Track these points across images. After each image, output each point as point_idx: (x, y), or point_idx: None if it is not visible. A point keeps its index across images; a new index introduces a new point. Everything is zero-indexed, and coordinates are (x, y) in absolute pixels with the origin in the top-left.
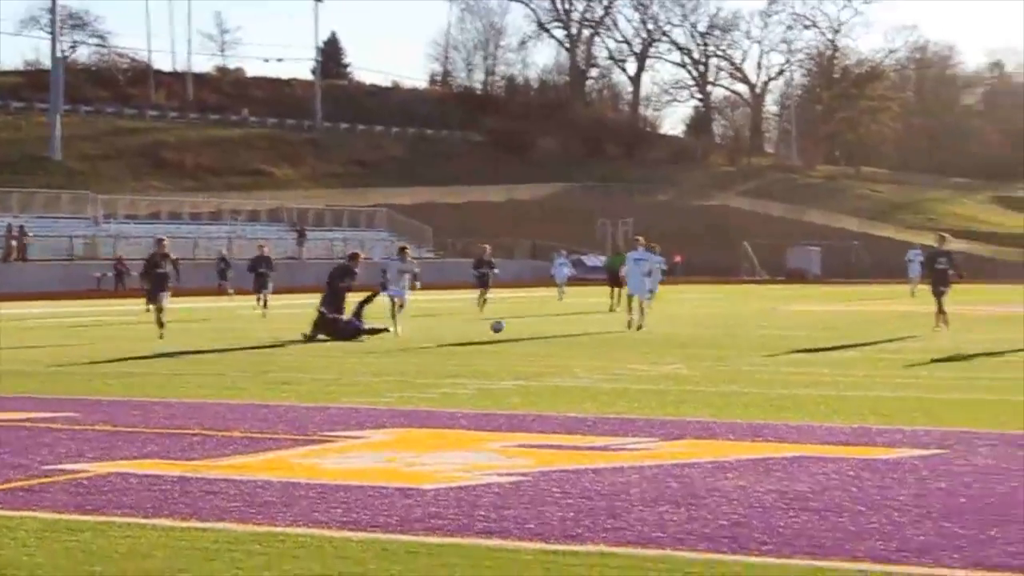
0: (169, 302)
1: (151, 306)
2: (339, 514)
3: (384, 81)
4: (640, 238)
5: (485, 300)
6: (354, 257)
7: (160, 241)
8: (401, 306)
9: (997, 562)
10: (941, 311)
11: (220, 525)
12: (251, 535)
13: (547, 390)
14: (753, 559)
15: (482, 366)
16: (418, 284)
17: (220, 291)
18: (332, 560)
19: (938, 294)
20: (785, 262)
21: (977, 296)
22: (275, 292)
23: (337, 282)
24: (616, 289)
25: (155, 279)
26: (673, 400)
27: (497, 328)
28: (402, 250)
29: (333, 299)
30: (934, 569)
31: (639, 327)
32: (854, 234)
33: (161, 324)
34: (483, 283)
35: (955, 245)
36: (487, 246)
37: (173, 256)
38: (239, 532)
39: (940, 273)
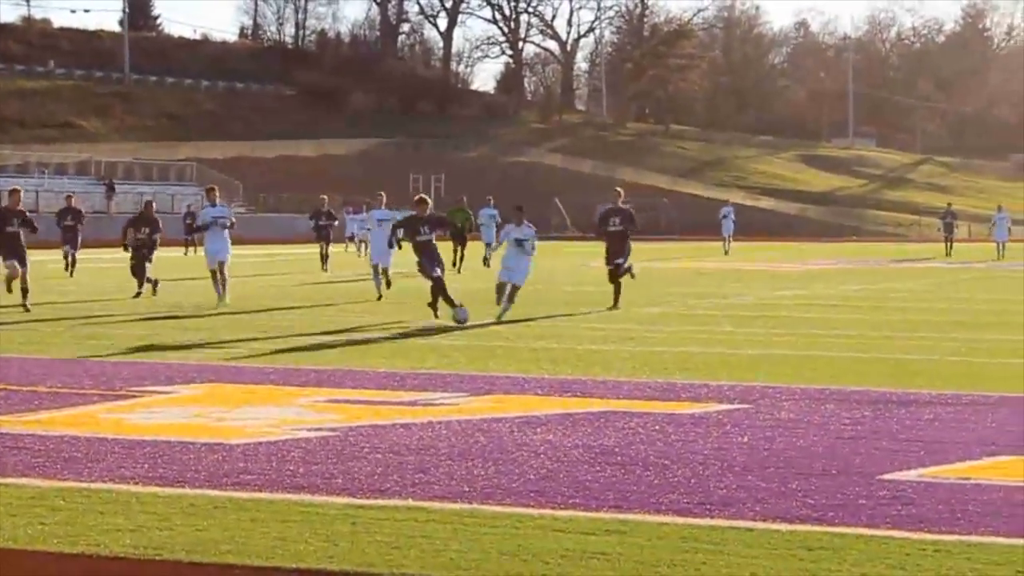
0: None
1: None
2: (145, 469)
3: (194, 34)
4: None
5: (327, 256)
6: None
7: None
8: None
9: (797, 514)
10: (617, 289)
11: (24, 480)
12: (55, 490)
13: (358, 346)
14: (560, 512)
15: (294, 323)
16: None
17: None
18: (138, 515)
19: (614, 265)
20: (594, 218)
21: (782, 253)
22: (83, 246)
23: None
24: (460, 248)
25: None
26: (482, 355)
27: (461, 318)
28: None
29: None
30: (735, 521)
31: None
32: (664, 191)
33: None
34: (323, 236)
35: (764, 203)
36: (325, 197)
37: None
38: (43, 488)
39: (615, 236)
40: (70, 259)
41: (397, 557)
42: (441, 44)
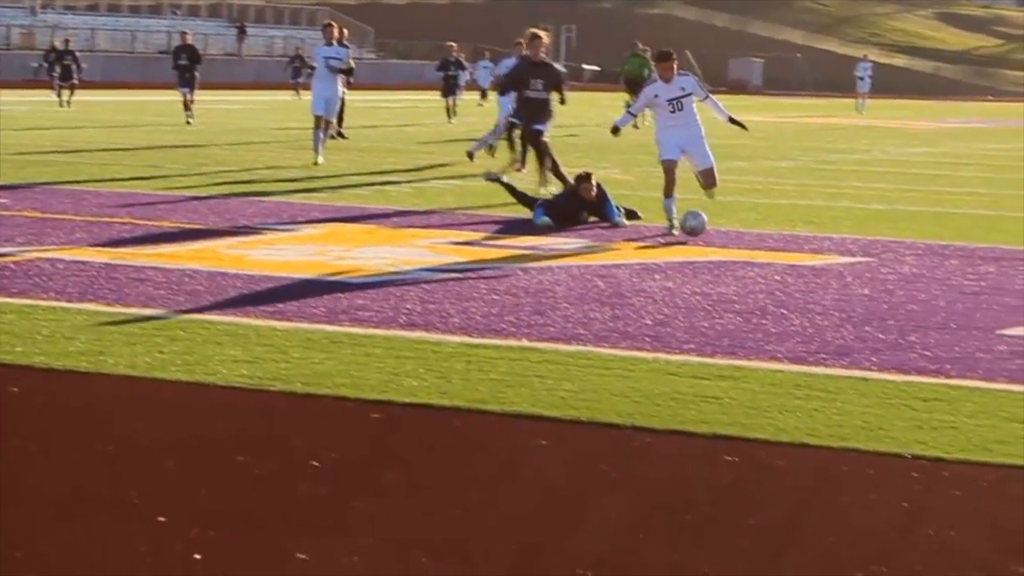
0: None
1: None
2: (265, 303)
3: None
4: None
5: (455, 105)
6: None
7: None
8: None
9: (912, 366)
10: (541, 170)
11: (145, 311)
12: (175, 322)
13: (481, 190)
14: (673, 357)
15: (416, 166)
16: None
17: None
18: (255, 347)
19: (534, 129)
20: (727, 73)
21: (915, 111)
22: (215, 88)
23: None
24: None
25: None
26: None
27: (492, 177)
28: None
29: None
30: (850, 371)
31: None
32: (797, 47)
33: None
34: (451, 87)
35: (898, 60)
36: (454, 44)
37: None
38: (164, 318)
39: (536, 104)
40: (187, 100)
41: (509, 395)
42: None
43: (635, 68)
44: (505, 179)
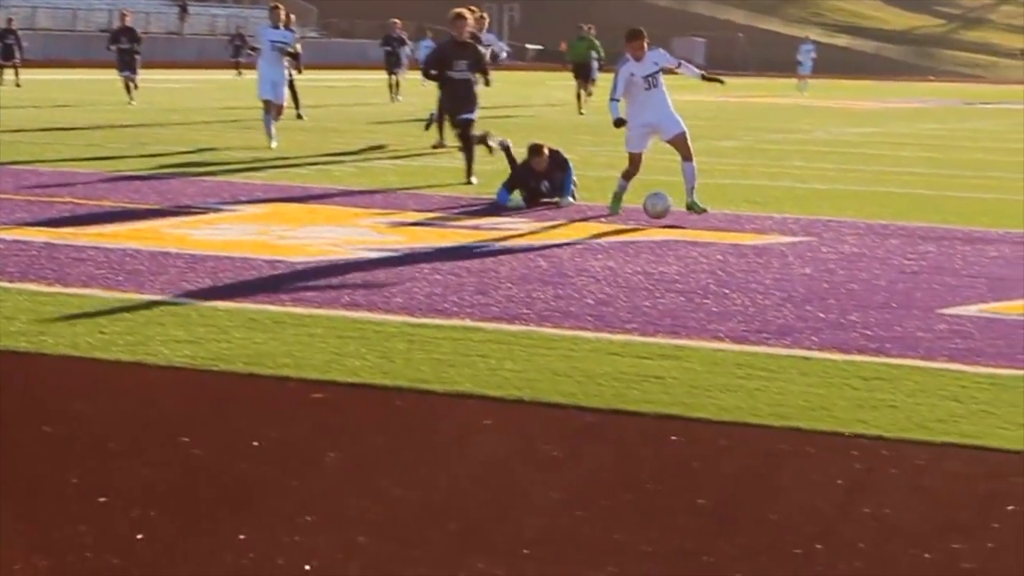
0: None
1: None
2: (207, 284)
3: None
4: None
5: (398, 83)
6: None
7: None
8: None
9: (853, 345)
10: (470, 154)
11: (86, 291)
12: (117, 301)
13: (424, 170)
14: (616, 336)
15: (359, 146)
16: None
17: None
18: (197, 328)
19: (462, 120)
20: (670, 52)
21: (857, 91)
22: (156, 67)
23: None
24: (585, 84)
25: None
26: None
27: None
28: None
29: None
30: (792, 350)
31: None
32: (739, 26)
33: None
34: (393, 63)
35: (841, 40)
36: (397, 21)
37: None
38: (105, 298)
39: (460, 86)
40: (130, 85)
41: (451, 375)
42: None
43: (582, 51)
44: (501, 143)
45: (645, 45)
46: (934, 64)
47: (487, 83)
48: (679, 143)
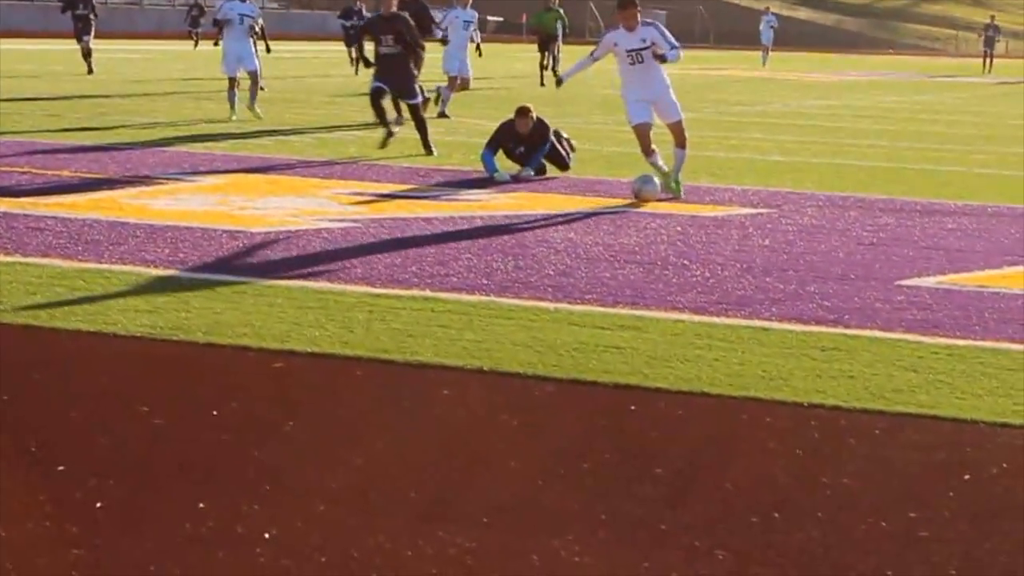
0: None
1: None
2: (166, 254)
3: None
4: None
5: (362, 59)
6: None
7: None
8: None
9: (812, 316)
10: (421, 126)
11: (44, 260)
12: (76, 270)
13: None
14: (576, 307)
15: (319, 118)
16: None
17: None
18: (156, 297)
19: (414, 116)
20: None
21: (818, 63)
22: (115, 37)
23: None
24: (550, 55)
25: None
26: None
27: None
28: None
29: None
30: (751, 320)
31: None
32: None
33: None
34: (352, 37)
35: (801, 13)
36: None
37: None
38: (64, 267)
39: (391, 62)
40: (85, 51)
41: (411, 345)
42: None
43: (549, 23)
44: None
45: (637, 16)
46: (894, 37)
47: (417, 60)
48: (676, 130)
